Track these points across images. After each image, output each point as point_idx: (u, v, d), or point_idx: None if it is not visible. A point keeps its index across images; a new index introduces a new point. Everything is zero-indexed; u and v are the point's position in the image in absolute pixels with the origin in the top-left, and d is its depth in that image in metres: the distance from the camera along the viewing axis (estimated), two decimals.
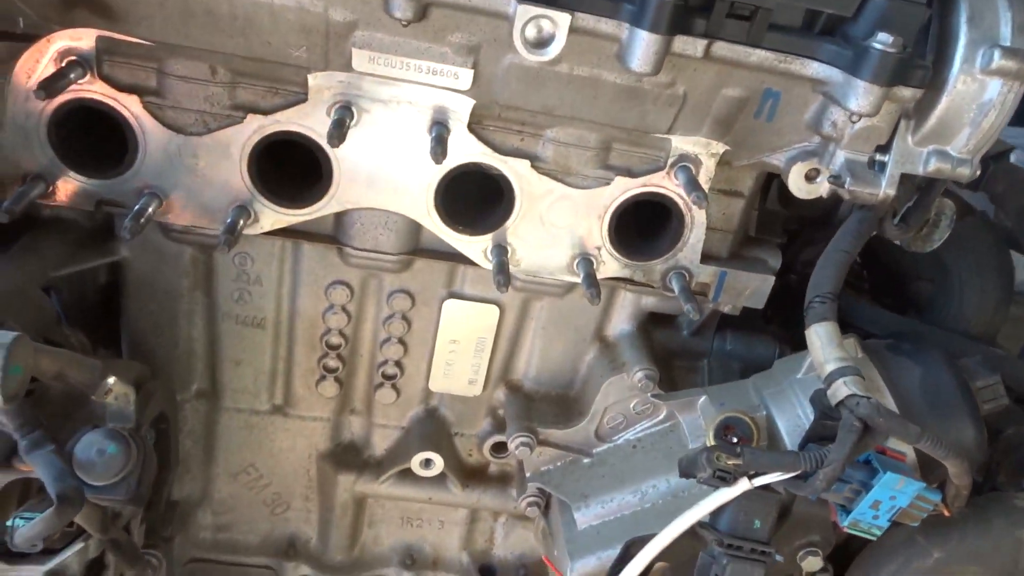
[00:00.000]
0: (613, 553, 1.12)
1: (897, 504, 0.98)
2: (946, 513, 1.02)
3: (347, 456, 1.31)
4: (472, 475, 1.34)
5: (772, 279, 1.18)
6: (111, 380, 0.90)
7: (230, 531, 1.36)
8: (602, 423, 1.23)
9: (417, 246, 1.13)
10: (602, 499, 1.18)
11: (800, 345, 1.27)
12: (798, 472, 0.93)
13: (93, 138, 1.04)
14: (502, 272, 1.06)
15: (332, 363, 1.23)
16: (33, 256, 1.03)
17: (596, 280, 1.09)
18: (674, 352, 1.27)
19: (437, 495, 1.32)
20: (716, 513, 0.99)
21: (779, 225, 1.28)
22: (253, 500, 1.34)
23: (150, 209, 1.01)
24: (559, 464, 1.25)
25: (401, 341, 1.22)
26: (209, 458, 1.30)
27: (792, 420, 1.07)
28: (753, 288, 1.18)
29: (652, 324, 1.26)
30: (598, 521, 1.17)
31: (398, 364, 1.24)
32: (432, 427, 1.29)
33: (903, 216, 1.08)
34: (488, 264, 1.11)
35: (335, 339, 1.21)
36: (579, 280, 1.12)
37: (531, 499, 1.26)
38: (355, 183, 1.04)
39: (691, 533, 1.00)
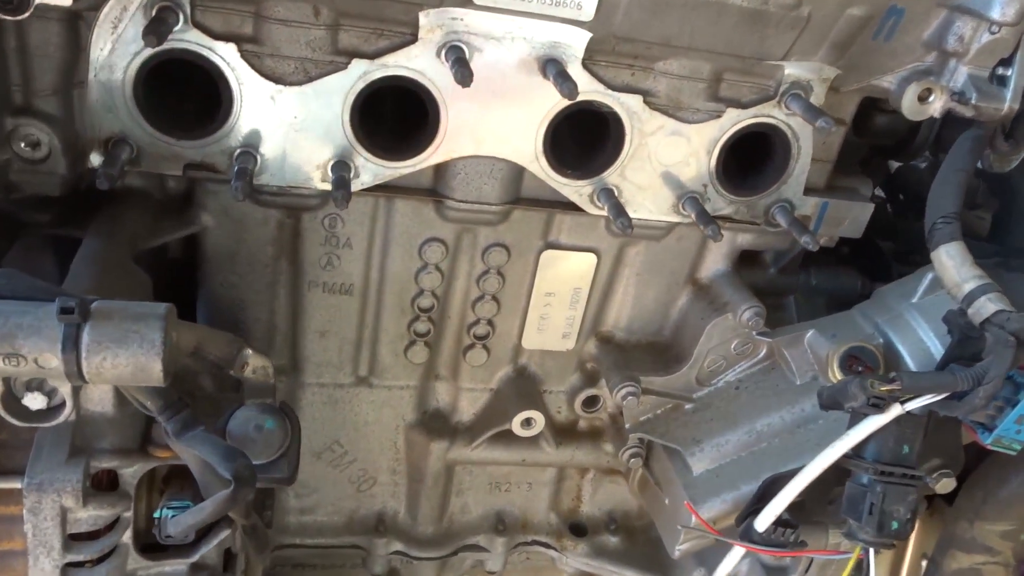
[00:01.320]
0: (740, 494, 1.11)
1: None
2: None
3: (436, 424, 1.25)
4: (563, 432, 1.30)
5: (871, 207, 1.17)
6: (248, 352, 0.82)
7: (315, 513, 1.29)
8: (703, 367, 1.20)
9: (518, 195, 1.08)
10: (716, 442, 1.16)
11: (879, 278, 1.29)
12: (954, 392, 0.93)
13: (173, 98, 0.95)
14: (622, 214, 1.02)
15: (422, 327, 1.17)
16: (120, 228, 0.93)
17: (710, 216, 1.06)
18: (761, 290, 1.25)
19: (531, 455, 1.28)
20: (861, 443, 0.98)
21: (855, 154, 1.27)
22: (338, 478, 1.27)
23: (249, 167, 0.92)
24: (659, 412, 1.22)
25: (495, 298, 1.16)
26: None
27: (915, 344, 1.07)
28: (852, 217, 1.17)
29: (740, 264, 1.24)
30: (715, 464, 1.15)
31: (490, 323, 1.19)
32: (523, 386, 1.24)
33: (1009, 132, 1.08)
34: (595, 210, 1.06)
35: (427, 301, 1.15)
36: (684, 220, 1.09)
37: (633, 450, 1.23)
38: (462, 130, 0.97)
39: (832, 466, 0.99)
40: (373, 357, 1.19)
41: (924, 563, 1.33)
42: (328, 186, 0.97)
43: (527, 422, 1.21)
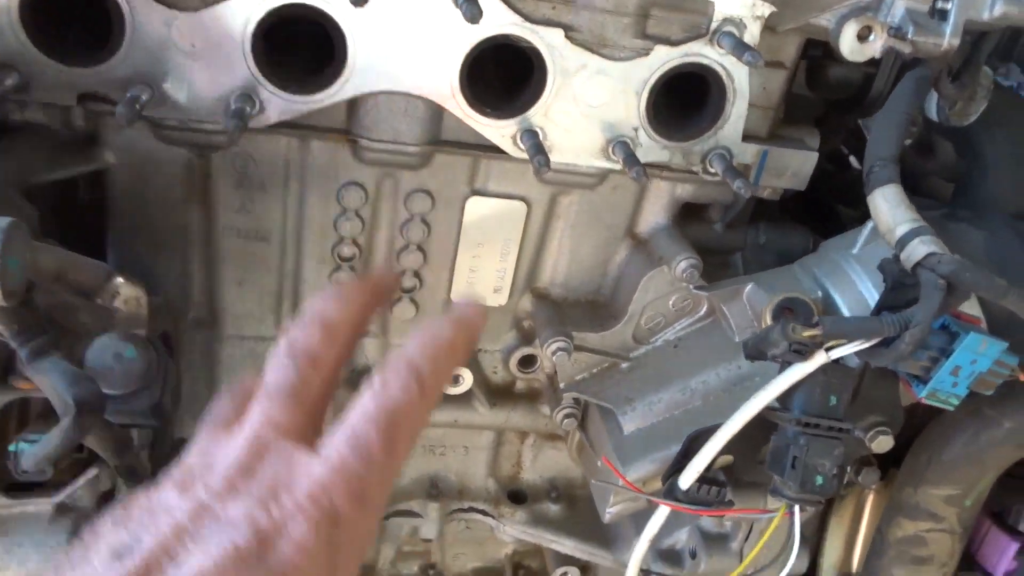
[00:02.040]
0: (669, 452, 1.05)
1: (977, 368, 0.93)
2: (1022, 378, 0.97)
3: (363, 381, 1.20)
4: (498, 394, 1.25)
5: (815, 156, 1.12)
6: (119, 280, 0.78)
7: None
8: (640, 324, 1.15)
9: (438, 136, 1.03)
10: (648, 400, 1.11)
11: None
12: (880, 339, 0.88)
13: (69, 27, 0.91)
14: (540, 152, 0.97)
15: (345, 277, 1.13)
16: (10, 158, 0.89)
17: (638, 159, 1.01)
18: (707, 247, 1.19)
19: (464, 416, 1.23)
20: (786, 395, 0.92)
21: (810, 110, 1.22)
22: None
23: (143, 97, 0.88)
24: (595, 371, 1.17)
25: (420, 248, 1.12)
26: (211, 394, 1.18)
27: (853, 296, 1.02)
28: (795, 168, 1.12)
29: (683, 220, 1.18)
30: (646, 424, 1.10)
31: (417, 275, 1.14)
32: None
33: (956, 74, 1.03)
34: (518, 152, 1.01)
35: (347, 250, 1.11)
36: (615, 166, 1.04)
37: (567, 410, 1.18)
38: (372, 63, 0.93)
39: (758, 421, 0.94)
40: (296, 309, 1.15)
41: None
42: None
43: (454, 378, 1.16)
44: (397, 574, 1.45)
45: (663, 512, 0.98)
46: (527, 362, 1.23)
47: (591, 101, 1.00)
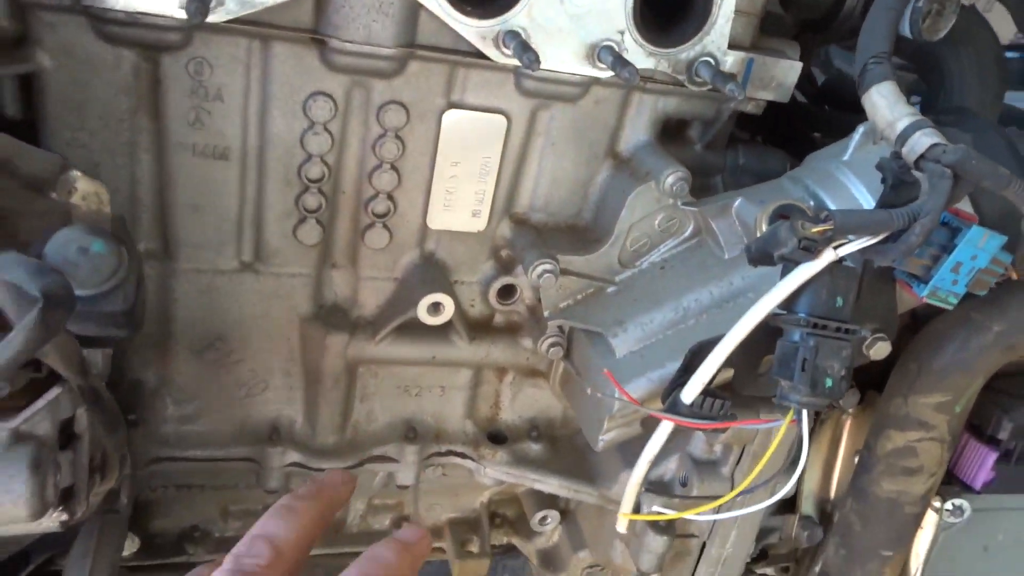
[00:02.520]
0: (666, 372, 1.02)
1: (976, 265, 0.92)
2: (1014, 276, 0.97)
3: (334, 319, 1.12)
4: (477, 328, 1.18)
5: (799, 66, 1.09)
6: (75, 173, 0.68)
7: (197, 421, 1.14)
8: (625, 246, 1.11)
9: (414, 39, 0.96)
10: (640, 322, 1.06)
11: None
12: (888, 233, 0.85)
13: None
14: (527, 50, 0.91)
15: (312, 201, 1.04)
16: None
17: (628, 60, 0.96)
18: (688, 168, 1.16)
19: (442, 352, 1.16)
20: (791, 299, 0.89)
21: (783, 30, 1.19)
22: (224, 382, 1.13)
23: None
24: (579, 298, 1.12)
25: (394, 168, 1.04)
26: (165, 333, 1.08)
27: (847, 202, 0.99)
28: (780, 78, 1.09)
29: (663, 141, 1.14)
30: (639, 345, 1.06)
31: (390, 197, 1.07)
32: (430, 274, 1.12)
33: None
34: (499, 56, 0.95)
35: (316, 170, 1.02)
36: (600, 74, 0.99)
37: (552, 339, 1.12)
38: None
39: (758, 332, 0.90)
40: (258, 238, 1.06)
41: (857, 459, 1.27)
42: (184, 15, 0.84)
43: (434, 307, 1.09)
44: (368, 529, 1.37)
45: (666, 428, 0.93)
46: (506, 293, 1.17)
47: (577, 2, 0.95)
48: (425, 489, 1.36)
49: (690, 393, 0.90)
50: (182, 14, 0.84)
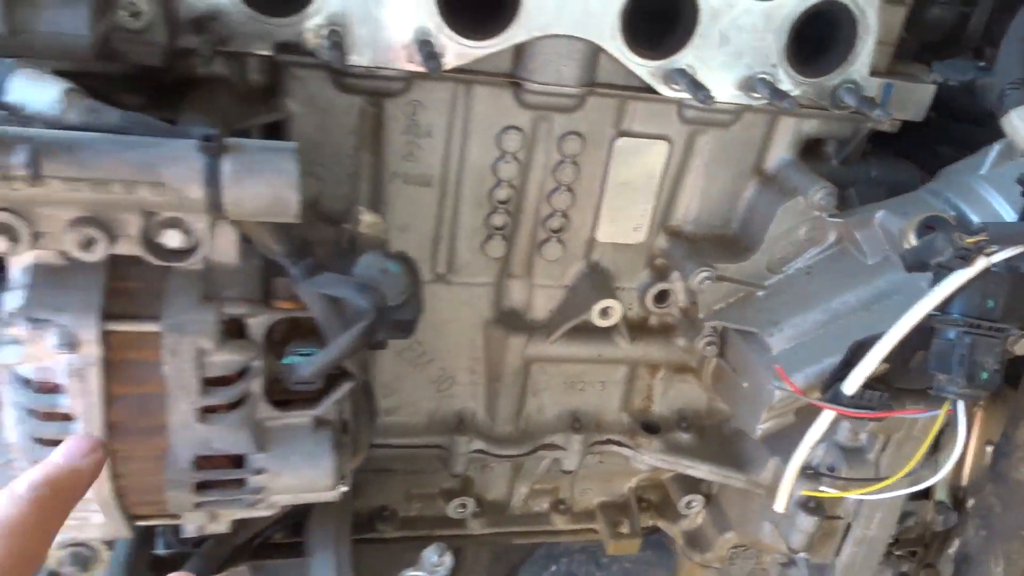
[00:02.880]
0: (822, 367, 1.13)
1: None
2: None
3: (513, 322, 1.28)
4: (635, 329, 1.33)
5: (932, 89, 1.20)
6: (360, 208, 0.85)
7: (397, 413, 1.32)
8: (773, 254, 1.23)
9: (594, 79, 1.10)
10: (793, 322, 1.18)
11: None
12: None
13: None
14: (700, 88, 1.04)
15: (499, 219, 1.20)
16: (213, 109, 0.96)
17: (784, 91, 1.08)
18: None
19: (606, 351, 1.31)
20: (945, 302, 1.00)
21: (906, 50, 1.29)
22: (418, 378, 1.30)
23: (341, 43, 0.95)
24: (731, 301, 1.25)
25: (569, 189, 1.19)
26: None
27: (988, 213, 1.09)
28: (915, 99, 1.20)
29: (802, 158, 1.26)
30: (792, 344, 1.18)
31: (565, 215, 1.22)
32: (597, 281, 1.27)
33: None
34: (668, 91, 1.09)
35: (503, 193, 1.18)
36: (755, 102, 1.12)
37: (708, 339, 1.26)
38: (543, 6, 1.00)
39: (915, 329, 1.01)
40: (451, 253, 1.22)
41: (989, 449, 1.35)
42: (414, 67, 1.00)
43: (605, 311, 1.23)
44: (529, 511, 1.53)
45: (828, 417, 1.05)
46: (661, 297, 1.30)
47: (736, 40, 1.08)
48: (581, 475, 1.50)
49: (852, 385, 1.02)
50: (410, 67, 1.01)
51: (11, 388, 0.76)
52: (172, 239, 0.75)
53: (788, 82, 1.12)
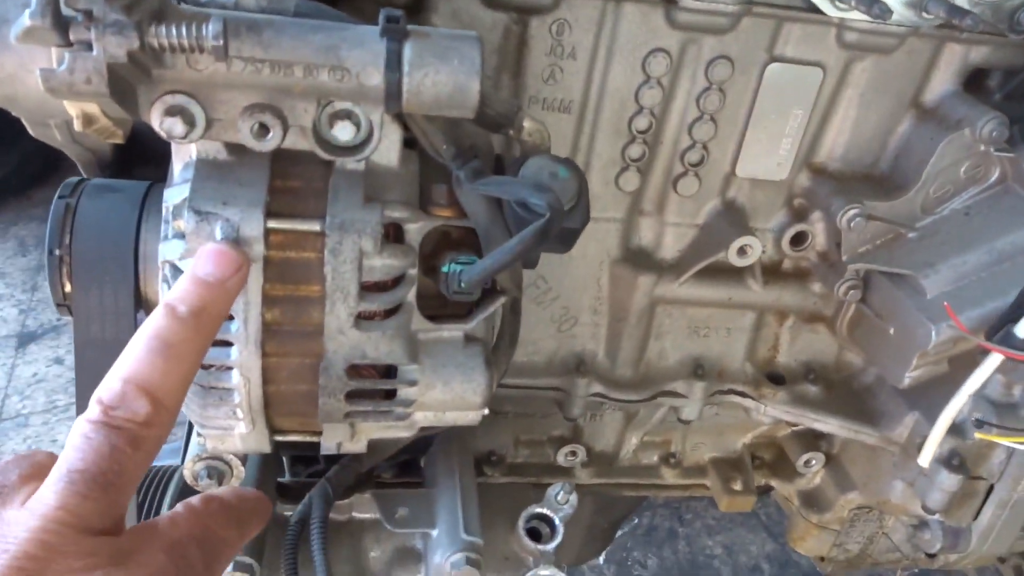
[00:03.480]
0: (985, 311, 1.05)
1: None
2: None
3: (641, 260, 1.22)
4: (767, 273, 1.26)
5: None
6: (523, 114, 0.80)
7: (516, 353, 1.27)
8: (928, 193, 1.15)
9: None
10: (952, 263, 1.10)
11: None
12: None
13: None
14: (876, 2, 0.96)
15: (636, 151, 1.14)
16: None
17: (963, 8, 0.99)
18: None
19: (737, 294, 1.24)
20: None
21: None
22: (541, 316, 1.26)
23: None
24: (878, 243, 1.17)
25: (713, 119, 1.12)
26: None
27: None
28: None
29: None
30: (951, 286, 1.10)
31: (705, 147, 1.15)
32: (732, 220, 1.20)
33: None
34: (833, 9, 1.01)
35: (643, 121, 1.12)
36: (925, 22, 1.03)
37: (850, 283, 1.18)
38: None
39: None
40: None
41: None
42: None
43: (743, 250, 1.17)
44: (637, 463, 1.48)
45: (994, 360, 0.98)
46: (798, 240, 1.23)
47: None
48: (693, 428, 1.44)
49: None
50: None
51: (172, 285, 0.74)
52: (343, 132, 0.71)
53: (963, 0, 1.03)
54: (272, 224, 0.72)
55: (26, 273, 3.03)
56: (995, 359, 0.98)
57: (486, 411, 0.88)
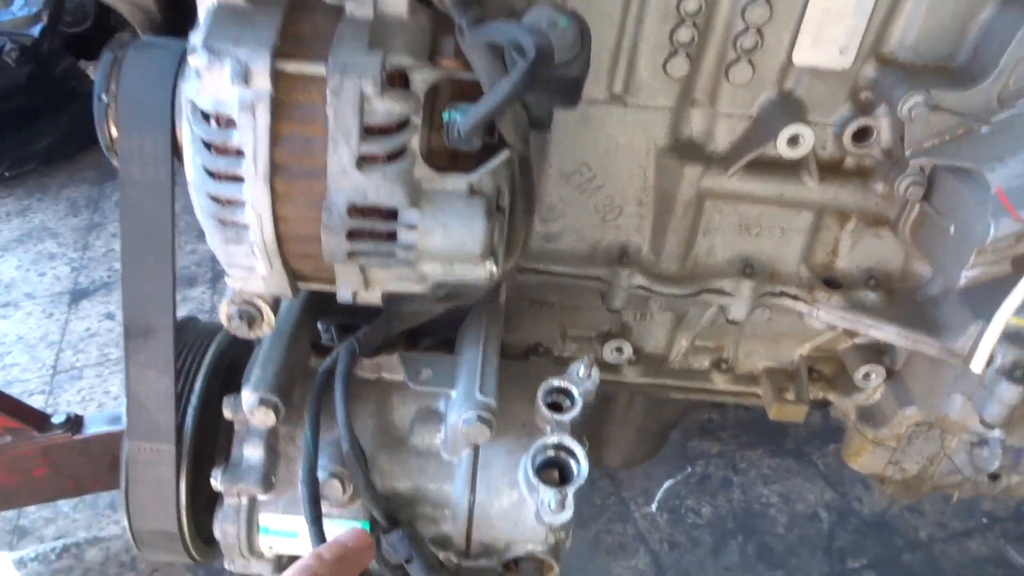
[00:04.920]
0: None
1: None
2: None
3: (690, 151, 1.20)
4: (826, 169, 1.20)
5: None
6: None
7: (558, 240, 1.29)
8: (1007, 84, 1.05)
9: None
10: (1022, 157, 1.02)
11: None
12: None
13: None
14: None
15: (685, 34, 1.10)
16: None
17: None
18: None
19: (790, 191, 1.20)
20: None
21: None
22: (584, 205, 1.26)
23: None
24: (947, 137, 1.09)
25: (767, 1, 1.07)
26: (540, 154, 1.22)
27: None
28: None
29: None
30: (1020, 182, 1.01)
31: (759, 32, 1.10)
32: (786, 112, 1.15)
33: None
34: None
35: (693, 4, 1.07)
36: None
37: (912, 178, 1.11)
38: None
39: None
40: (630, 70, 1.14)
41: None
42: None
43: (793, 140, 1.12)
44: (687, 367, 1.47)
45: None
46: (862, 135, 1.16)
47: None
48: (747, 334, 1.41)
49: None
50: None
51: (191, 122, 0.80)
52: None
53: None
54: (280, 65, 0.77)
55: (77, 232, 3.16)
56: None
57: (495, 269, 0.90)
